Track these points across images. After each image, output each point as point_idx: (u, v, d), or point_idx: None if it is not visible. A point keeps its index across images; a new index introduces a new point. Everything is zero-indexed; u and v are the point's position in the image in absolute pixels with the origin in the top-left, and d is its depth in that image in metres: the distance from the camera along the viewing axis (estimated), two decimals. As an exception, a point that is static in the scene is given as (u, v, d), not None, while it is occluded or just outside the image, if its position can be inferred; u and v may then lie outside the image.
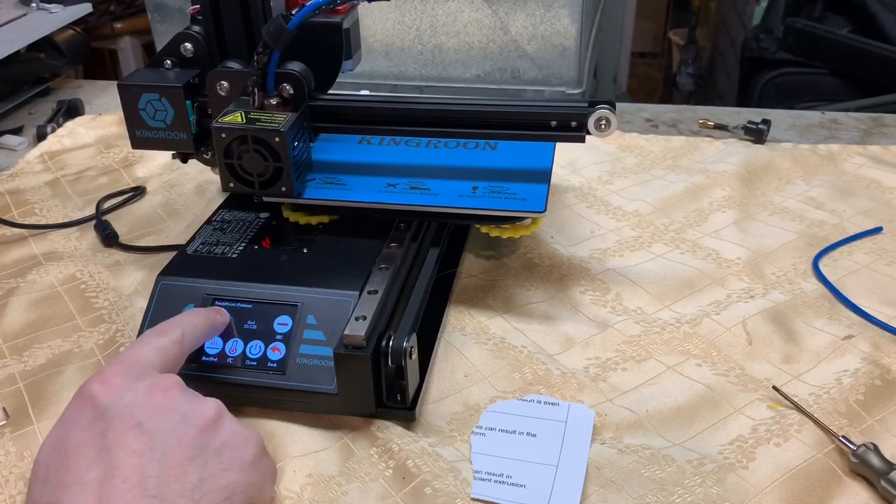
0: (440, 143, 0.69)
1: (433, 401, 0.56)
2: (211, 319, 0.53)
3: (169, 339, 0.48)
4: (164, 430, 0.41)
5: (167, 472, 0.39)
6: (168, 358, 0.47)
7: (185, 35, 0.63)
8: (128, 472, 0.38)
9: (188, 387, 0.45)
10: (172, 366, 0.48)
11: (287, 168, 0.57)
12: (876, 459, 0.48)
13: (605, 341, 0.61)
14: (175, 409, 0.42)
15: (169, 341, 0.48)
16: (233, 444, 0.43)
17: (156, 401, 0.42)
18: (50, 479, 0.40)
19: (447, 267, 0.68)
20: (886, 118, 0.97)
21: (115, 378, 0.43)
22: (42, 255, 0.73)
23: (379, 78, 1.09)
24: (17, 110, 1.05)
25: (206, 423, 0.43)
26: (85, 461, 0.39)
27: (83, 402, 0.42)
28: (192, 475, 0.40)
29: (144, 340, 0.48)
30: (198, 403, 0.44)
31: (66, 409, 0.43)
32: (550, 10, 1.00)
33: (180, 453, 0.40)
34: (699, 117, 0.96)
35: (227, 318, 0.54)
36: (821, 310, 0.64)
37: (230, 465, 0.42)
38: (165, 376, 0.44)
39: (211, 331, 0.53)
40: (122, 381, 0.43)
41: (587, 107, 0.59)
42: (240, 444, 0.44)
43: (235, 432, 0.44)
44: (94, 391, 0.42)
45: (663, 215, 0.77)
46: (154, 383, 0.43)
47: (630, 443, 0.52)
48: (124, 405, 0.41)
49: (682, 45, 2.72)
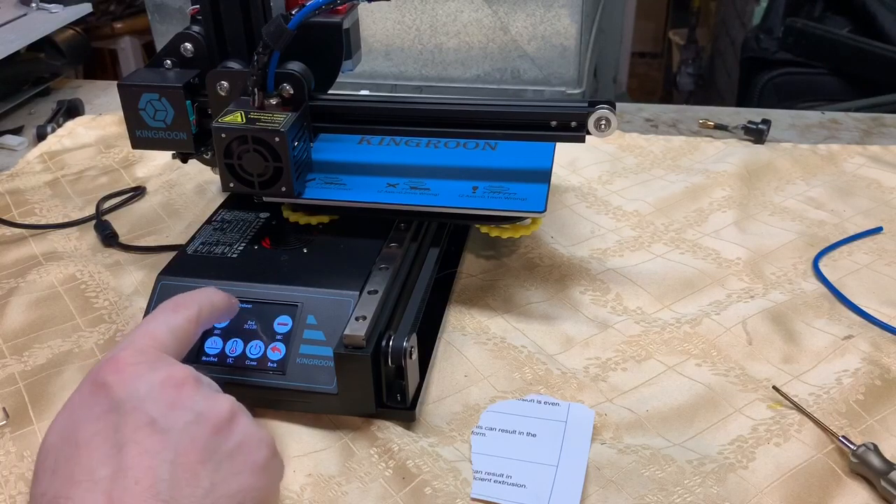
0: (440, 143, 0.69)
1: (433, 401, 0.56)
2: (228, 302, 0.52)
3: (184, 316, 0.47)
4: (178, 430, 0.40)
5: (179, 475, 0.39)
6: (181, 338, 0.46)
7: (185, 35, 0.63)
8: (140, 474, 0.38)
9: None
10: (185, 346, 0.47)
11: (287, 168, 0.57)
12: (876, 459, 0.48)
13: (605, 341, 0.61)
14: (189, 406, 0.41)
15: (184, 319, 0.47)
16: (246, 447, 0.42)
17: (170, 396, 0.41)
18: (59, 471, 0.39)
19: (447, 267, 0.68)
20: (886, 118, 0.97)
21: (129, 366, 0.42)
22: (42, 255, 0.73)
23: (379, 78, 1.09)
24: (17, 110, 1.05)
25: (220, 424, 0.42)
26: (96, 457, 0.39)
27: (96, 390, 0.41)
28: (205, 480, 0.40)
29: (159, 317, 0.46)
30: (212, 402, 0.43)
31: (76, 392, 0.42)
32: (550, 10, 1.00)
33: (193, 455, 0.40)
34: (699, 117, 0.96)
35: (238, 306, 0.53)
36: (821, 310, 0.64)
37: (242, 468, 0.42)
38: (180, 368, 0.43)
39: (226, 313, 0.52)
40: (136, 369, 0.42)
41: (587, 107, 0.59)
42: (252, 447, 0.43)
43: (249, 433, 0.43)
44: (108, 379, 0.41)
45: (663, 215, 0.77)
46: (169, 376, 0.42)
47: (630, 443, 0.52)
48: (138, 399, 0.40)
49: (682, 45, 2.72)
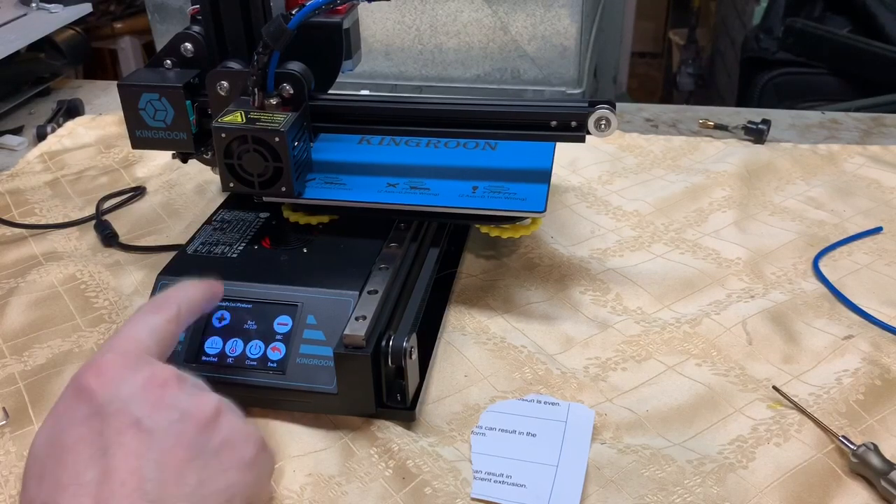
0: (440, 143, 0.69)
1: (433, 401, 0.56)
2: (207, 292, 0.51)
3: (164, 317, 0.46)
4: (162, 429, 0.40)
5: (166, 474, 0.39)
6: (163, 339, 0.46)
7: (185, 35, 0.63)
8: (126, 475, 0.38)
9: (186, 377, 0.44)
10: (168, 346, 0.46)
11: (287, 168, 0.57)
12: (876, 459, 0.48)
13: (605, 341, 0.61)
14: (173, 405, 0.41)
15: (164, 320, 0.46)
16: (232, 443, 0.42)
17: (153, 396, 0.41)
18: (46, 478, 0.39)
19: (447, 267, 0.68)
20: (886, 118, 0.97)
21: (110, 369, 0.42)
22: (42, 255, 0.73)
23: (379, 78, 1.09)
24: (17, 110, 1.05)
25: (205, 421, 0.41)
26: (82, 460, 0.39)
27: (78, 395, 0.41)
28: (191, 477, 0.39)
29: (139, 319, 0.46)
30: (196, 399, 0.42)
31: (59, 399, 0.42)
32: (550, 10, 1.00)
33: (179, 454, 0.40)
34: (699, 117, 0.96)
35: (221, 290, 0.53)
36: (821, 310, 0.64)
37: (230, 465, 0.42)
38: (162, 368, 0.43)
39: (207, 304, 0.51)
40: (118, 371, 0.41)
41: (587, 107, 0.59)
42: (239, 443, 0.43)
43: (235, 429, 0.43)
44: (90, 384, 0.41)
45: (663, 215, 0.77)
46: (151, 376, 0.42)
47: (630, 443, 0.52)
48: (121, 401, 0.40)
49: (682, 45, 2.72)
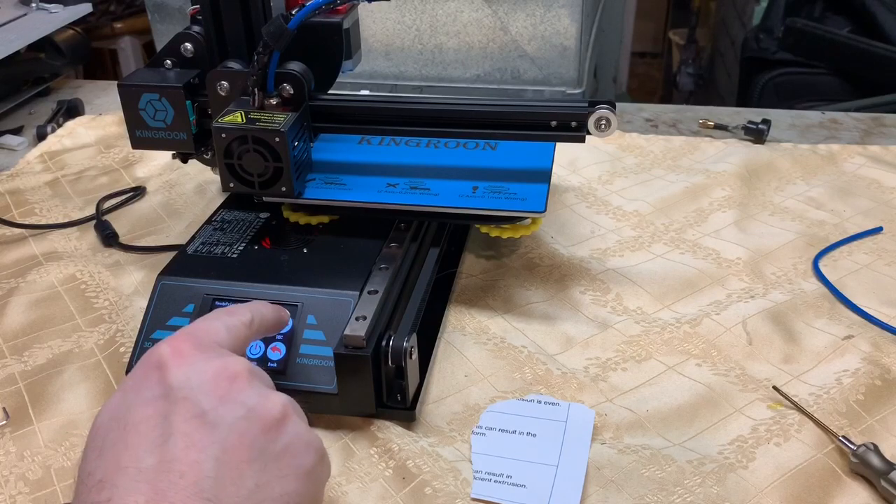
0: (440, 143, 0.69)
1: (433, 401, 0.56)
2: (277, 314, 0.51)
3: (239, 319, 0.46)
4: (227, 425, 0.39)
5: (224, 473, 0.38)
6: (237, 338, 0.45)
7: (185, 35, 0.63)
8: (185, 467, 0.37)
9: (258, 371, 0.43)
10: (240, 347, 0.45)
11: (287, 168, 0.57)
12: (876, 459, 0.48)
13: (605, 341, 0.61)
14: (241, 401, 0.40)
15: (240, 322, 0.46)
16: (294, 449, 0.41)
17: (222, 389, 0.40)
18: (107, 453, 0.38)
19: (447, 267, 0.68)
20: (886, 118, 0.97)
21: (187, 350, 0.41)
22: (42, 255, 0.73)
23: (379, 78, 1.09)
24: (17, 110, 1.05)
25: (271, 423, 0.40)
26: (144, 443, 0.38)
27: (150, 372, 0.40)
28: (249, 479, 0.38)
29: (215, 317, 0.46)
30: (264, 399, 0.41)
31: (130, 375, 0.41)
32: (550, 10, 1.00)
33: (240, 453, 0.38)
34: (699, 117, 0.96)
35: (288, 317, 0.52)
36: (821, 310, 0.64)
37: (289, 471, 0.40)
38: (235, 360, 0.42)
39: (276, 326, 0.51)
40: (193, 354, 0.41)
41: (587, 107, 0.59)
42: (300, 450, 0.41)
43: (298, 435, 0.41)
44: (165, 360, 0.40)
45: (663, 215, 0.77)
46: (223, 367, 0.41)
47: (630, 443, 0.52)
48: (190, 388, 0.39)
49: (682, 45, 2.71)
